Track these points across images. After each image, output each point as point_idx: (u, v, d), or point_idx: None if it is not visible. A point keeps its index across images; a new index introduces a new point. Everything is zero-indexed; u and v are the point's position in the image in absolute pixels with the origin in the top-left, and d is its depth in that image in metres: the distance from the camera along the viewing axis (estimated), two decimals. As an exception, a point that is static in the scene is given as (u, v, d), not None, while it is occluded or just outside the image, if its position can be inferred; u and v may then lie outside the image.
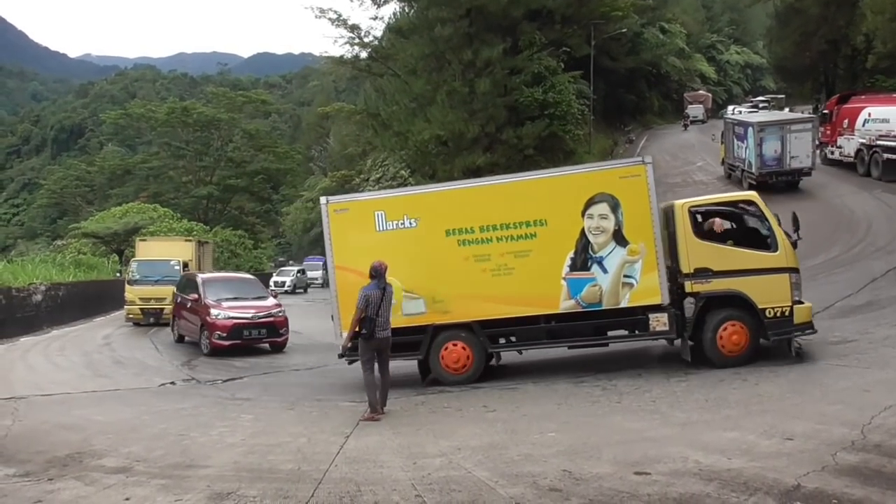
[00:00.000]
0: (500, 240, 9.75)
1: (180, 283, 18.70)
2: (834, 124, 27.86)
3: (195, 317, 16.28)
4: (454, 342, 9.97)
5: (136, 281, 21.82)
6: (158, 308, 21.36)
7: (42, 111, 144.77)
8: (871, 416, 6.41)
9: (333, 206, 10.34)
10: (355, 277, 9.60)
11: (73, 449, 7.51)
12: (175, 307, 18.09)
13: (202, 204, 60.41)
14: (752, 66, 76.42)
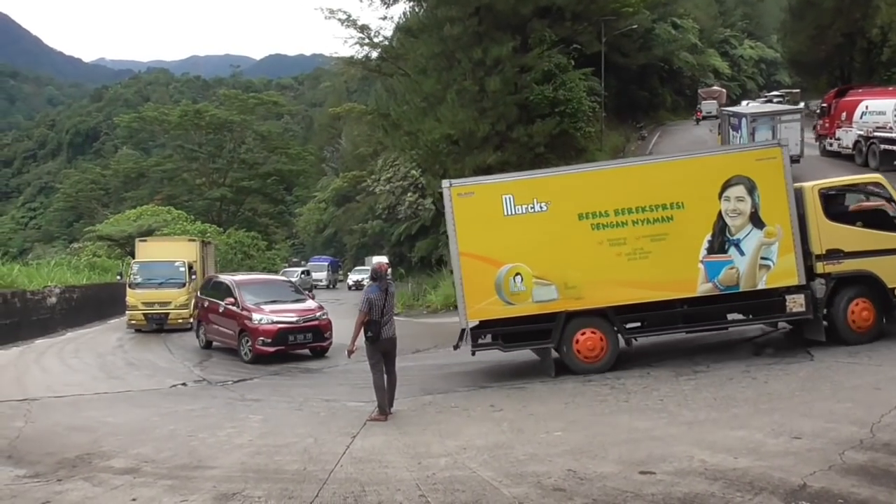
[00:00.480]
0: (636, 223, 9.62)
1: (206, 287, 17.72)
2: (832, 117, 28.64)
3: (231, 322, 15.30)
4: (589, 329, 9.73)
5: (137, 284, 20.53)
6: (163, 313, 20.28)
7: (57, 115, 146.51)
8: (881, 415, 6.32)
9: (457, 189, 9.84)
10: (482, 264, 9.41)
11: (82, 450, 7.60)
12: (201, 312, 17.14)
13: (216, 206, 60.84)
14: (767, 60, 75.55)
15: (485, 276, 9.07)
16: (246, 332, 14.75)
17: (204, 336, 17.01)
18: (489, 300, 9.47)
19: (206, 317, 16.70)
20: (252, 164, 64.08)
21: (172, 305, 20.28)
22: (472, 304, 9.38)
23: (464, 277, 9.66)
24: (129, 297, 20.67)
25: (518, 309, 9.53)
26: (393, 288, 8.88)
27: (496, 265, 9.34)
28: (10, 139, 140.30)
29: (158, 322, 20.27)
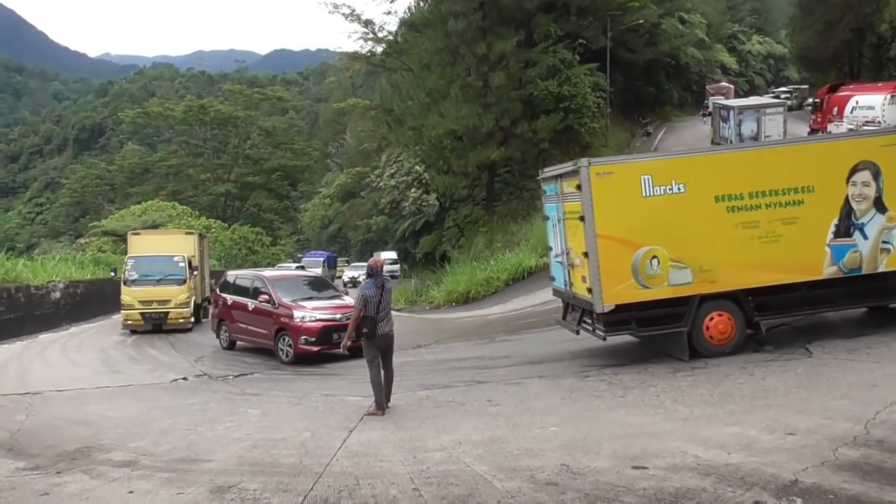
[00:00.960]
0: (769, 206, 9.60)
1: (227, 284, 16.40)
2: (824, 112, 29.61)
3: (265, 320, 14.41)
4: (719, 312, 9.62)
5: (133, 281, 19.08)
6: (162, 312, 19.04)
7: (63, 111, 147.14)
8: (876, 412, 6.31)
9: (596, 168, 9.47)
10: (619, 247, 9.26)
11: (82, 443, 7.67)
12: (221, 311, 16.09)
13: (220, 201, 61.05)
14: (775, 56, 75.09)
15: (622, 259, 9.02)
16: (285, 331, 13.87)
17: (227, 336, 15.96)
18: (625, 284, 9.32)
19: (230, 315, 15.68)
20: (257, 160, 64.25)
21: (172, 304, 19.10)
22: (609, 287, 9.25)
23: (601, 260, 9.39)
24: (124, 294, 19.13)
25: (654, 293, 9.39)
26: (390, 284, 8.90)
27: (633, 248, 9.24)
28: (17, 134, 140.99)
29: (156, 322, 19.06)
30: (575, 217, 9.72)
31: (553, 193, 10.73)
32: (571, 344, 12.41)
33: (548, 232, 11.28)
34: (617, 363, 10.00)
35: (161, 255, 19.74)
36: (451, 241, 40.18)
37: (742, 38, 74.07)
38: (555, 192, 10.60)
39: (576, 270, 10.07)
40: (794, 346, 9.48)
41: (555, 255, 11.00)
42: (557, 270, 11.03)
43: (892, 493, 4.74)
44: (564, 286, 10.59)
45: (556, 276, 11.15)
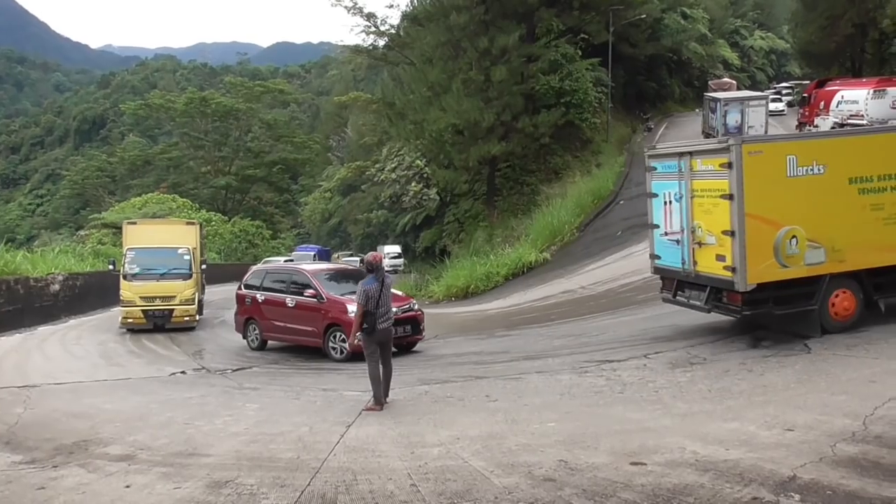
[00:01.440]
0: (893, 189, 9.90)
1: (255, 277, 15.26)
2: (812, 106, 30.86)
3: (311, 316, 13.48)
4: (842, 290, 9.81)
5: (135, 275, 17.75)
6: (166, 309, 17.77)
7: (64, 102, 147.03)
8: (875, 407, 6.30)
9: (748, 147, 9.44)
10: (764, 226, 9.36)
11: (80, 437, 7.67)
12: (249, 308, 14.88)
13: (221, 194, 61.01)
14: (777, 51, 74.81)
15: (765, 238, 9.14)
16: (338, 326, 12.94)
17: (258, 336, 14.84)
18: (766, 263, 9.40)
19: (260, 314, 14.60)
20: (258, 153, 64.19)
21: (177, 300, 17.85)
22: (753, 266, 9.32)
23: (748, 239, 9.42)
24: (123, 290, 17.71)
25: (791, 272, 9.49)
26: (390, 280, 8.88)
27: (776, 227, 9.34)
28: (18, 126, 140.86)
29: (160, 320, 17.81)
30: (713, 195, 9.75)
31: (671, 171, 10.66)
32: (570, 340, 12.42)
33: (653, 209, 11.19)
34: (615, 359, 9.99)
35: (164, 247, 18.38)
36: (452, 235, 40.15)
37: (744, 34, 73.77)
38: (674, 170, 10.55)
39: (705, 249, 10.03)
40: (792, 341, 9.46)
41: (663, 233, 10.94)
42: (667, 248, 10.91)
43: (890, 488, 4.73)
44: (681, 264, 10.54)
45: (662, 255, 11.06)
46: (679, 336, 10.93)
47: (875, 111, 25.86)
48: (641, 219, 25.64)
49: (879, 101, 26.30)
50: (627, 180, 32.04)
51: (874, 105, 26.16)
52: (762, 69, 73.23)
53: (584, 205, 29.04)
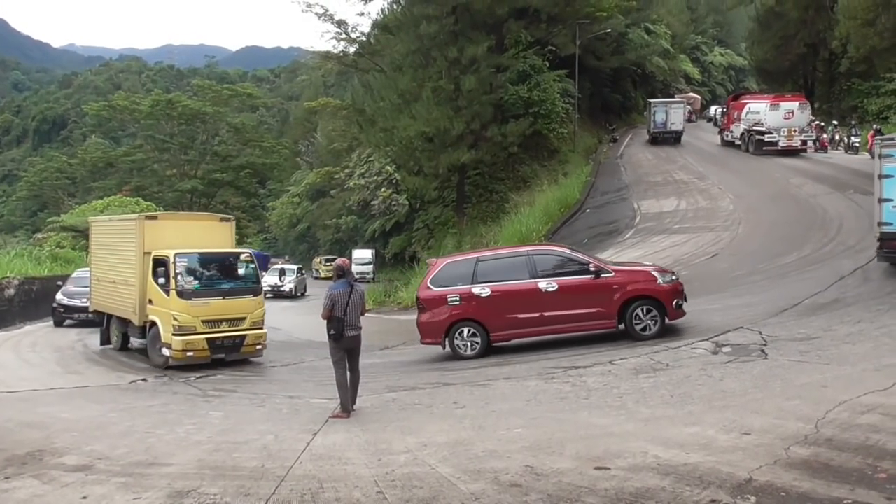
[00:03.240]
0: None
1: (456, 270, 12.42)
2: (729, 116, 38.47)
3: (593, 296, 11.67)
4: None
5: (193, 292, 13.10)
6: (236, 335, 13.48)
7: (23, 101, 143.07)
8: (826, 412, 6.52)
9: None
10: None
11: (34, 447, 7.47)
12: (460, 307, 12.07)
13: (186, 198, 59.89)
14: (735, 67, 76.83)
15: None
16: (648, 298, 11.50)
17: (481, 339, 12.11)
18: None
19: (485, 311, 12.00)
20: (225, 157, 63.27)
21: (247, 323, 13.63)
22: None
23: None
24: (174, 308, 12.95)
25: None
26: (361, 288, 8.86)
27: None
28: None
29: (228, 350, 13.44)
30: None
31: None
32: (536, 346, 12.53)
33: (883, 187, 13.20)
34: (581, 365, 10.12)
35: (220, 252, 14.23)
36: (421, 241, 40.17)
37: (705, 50, 75.63)
38: None
39: None
40: (750, 347, 9.71)
41: (894, 205, 13.00)
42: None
43: (839, 489, 4.91)
44: None
45: (893, 221, 13.03)
46: (643, 343, 11.12)
47: (771, 120, 33.25)
48: (607, 227, 26.28)
49: (775, 113, 33.37)
50: (594, 189, 32.51)
51: (771, 115, 33.33)
52: (722, 84, 75.07)
53: (552, 213, 29.36)
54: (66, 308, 20.24)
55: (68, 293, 20.57)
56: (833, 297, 12.39)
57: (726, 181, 28.33)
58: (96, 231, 17.15)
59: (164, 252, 13.40)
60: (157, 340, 13.28)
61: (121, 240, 14.98)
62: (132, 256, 14.11)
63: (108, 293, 15.55)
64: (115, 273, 15.06)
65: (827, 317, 11.08)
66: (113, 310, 15.42)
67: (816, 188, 24.44)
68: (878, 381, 7.40)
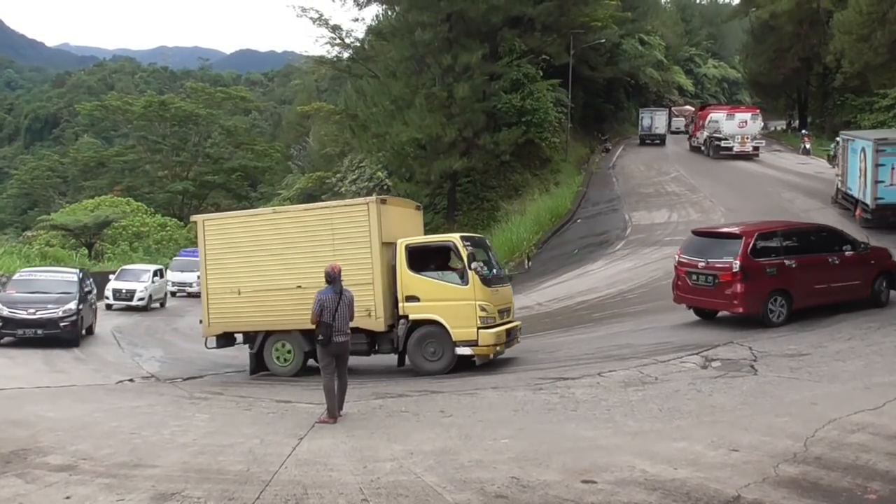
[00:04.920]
0: None
1: (768, 242, 12.43)
2: (696, 125, 44.51)
3: (856, 269, 12.67)
4: None
5: (490, 279, 11.77)
6: (517, 326, 12.66)
7: (16, 100, 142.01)
8: (815, 429, 6.52)
9: None
10: None
11: (18, 446, 7.37)
12: (776, 278, 12.08)
13: (177, 199, 59.67)
14: (729, 80, 77.46)
15: None
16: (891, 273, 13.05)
17: (786, 307, 12.06)
18: None
19: (794, 280, 12.12)
20: (217, 159, 63.12)
21: (512, 312, 12.90)
22: None
23: None
24: (481, 300, 11.40)
25: None
26: (350, 293, 8.82)
27: None
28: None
29: (509, 343, 12.17)
30: None
31: None
32: (525, 356, 12.51)
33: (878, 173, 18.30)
34: (569, 377, 10.10)
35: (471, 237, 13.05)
36: (411, 248, 40.03)
37: (698, 62, 76.20)
38: None
39: None
40: (740, 363, 9.73)
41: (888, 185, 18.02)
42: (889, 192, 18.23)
43: (829, 509, 4.91)
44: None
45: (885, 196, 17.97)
46: (632, 355, 11.12)
47: (727, 129, 38.83)
48: (598, 238, 26.38)
49: (730, 122, 38.88)
50: (585, 200, 32.63)
51: (727, 124, 38.85)
52: (715, 96, 75.59)
53: (543, 222, 29.43)
54: (5, 321, 15.25)
55: (9, 301, 15.61)
56: (824, 313, 12.42)
57: (718, 194, 28.49)
58: (234, 229, 12.88)
59: (431, 238, 12.62)
60: (432, 343, 11.55)
61: (322, 232, 12.01)
62: (363, 249, 11.68)
63: (275, 305, 12.17)
64: (305, 276, 11.70)
65: (818, 333, 11.13)
66: (290, 324, 12.03)
67: (808, 203, 24.67)
68: (868, 399, 7.42)
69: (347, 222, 11.90)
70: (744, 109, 41.63)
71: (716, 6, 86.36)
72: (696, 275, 12.56)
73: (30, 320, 15.23)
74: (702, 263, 12.48)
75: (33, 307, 15.36)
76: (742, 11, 53.49)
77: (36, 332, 15.20)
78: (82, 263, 31.21)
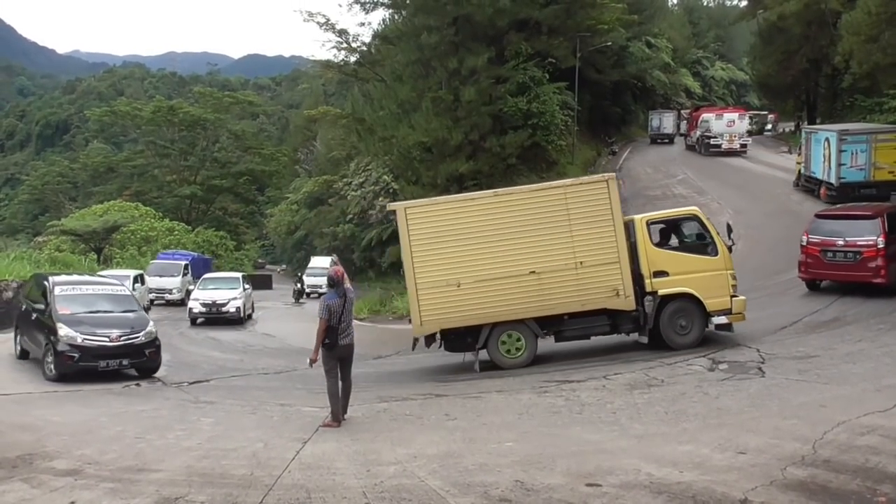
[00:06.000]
0: None
1: None
2: (691, 125, 47.92)
3: None
4: None
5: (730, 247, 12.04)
6: None
7: (28, 106, 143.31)
8: (824, 432, 6.44)
9: None
10: None
11: (24, 450, 7.38)
12: None
13: (185, 203, 60.05)
14: (737, 82, 77.08)
15: None
16: None
17: None
18: None
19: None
20: (225, 163, 63.49)
21: None
22: None
23: None
24: (730, 269, 11.61)
25: None
26: (352, 295, 8.80)
27: None
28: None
29: None
30: None
31: None
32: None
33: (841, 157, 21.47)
34: (575, 379, 10.05)
35: None
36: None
37: (706, 64, 75.87)
38: None
39: None
40: (747, 365, 9.64)
41: None
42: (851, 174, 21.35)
43: (837, 513, 4.84)
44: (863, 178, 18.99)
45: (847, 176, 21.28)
46: (638, 357, 11.06)
47: (716, 128, 42.12)
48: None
49: (719, 122, 42.44)
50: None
51: (716, 124, 42.34)
52: (723, 98, 75.27)
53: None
54: (82, 351, 11.83)
55: (74, 322, 12.15)
56: (833, 315, 12.33)
57: (726, 196, 28.35)
58: (445, 215, 11.74)
59: (670, 213, 12.69)
60: (682, 316, 11.38)
61: (556, 213, 11.47)
62: (605, 228, 11.37)
63: (504, 294, 11.42)
64: (539, 261, 11.36)
65: (827, 335, 11.04)
66: (523, 312, 11.49)
67: (818, 205, 24.42)
68: (878, 401, 7.34)
69: (585, 201, 11.47)
70: (731, 110, 45.36)
71: (723, 8, 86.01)
72: (834, 252, 13.60)
73: (113, 349, 11.95)
74: (840, 242, 13.54)
75: (111, 331, 12.10)
76: (749, 13, 53.23)
77: (121, 362, 12.12)
78: (91, 268, 31.31)
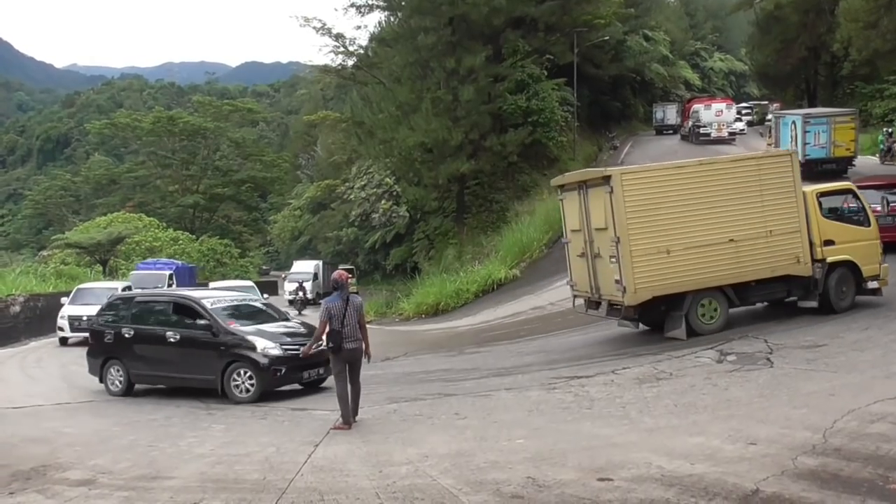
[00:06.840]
0: None
1: None
2: (685, 116, 48.71)
3: None
4: None
5: None
6: None
7: (27, 121, 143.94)
8: (834, 420, 6.44)
9: None
10: None
11: (38, 462, 7.44)
12: None
13: (188, 213, 60.25)
14: (736, 72, 76.92)
15: None
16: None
17: None
18: None
19: None
20: (226, 171, 63.71)
21: None
22: None
23: None
24: (875, 239, 12.43)
25: None
26: (359, 299, 8.81)
27: None
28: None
29: None
30: None
31: None
32: (539, 356, 12.48)
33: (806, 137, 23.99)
34: (583, 375, 10.06)
35: None
36: (422, 252, 40.17)
37: (704, 56, 75.73)
38: None
39: None
40: (756, 356, 9.64)
41: None
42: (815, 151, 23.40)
43: (849, 500, 4.85)
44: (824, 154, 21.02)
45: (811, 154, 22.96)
46: (646, 351, 11.07)
47: (706, 117, 43.32)
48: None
49: (708, 112, 43.58)
50: (595, 198, 32.42)
51: (705, 114, 43.58)
52: (722, 90, 75.06)
53: (552, 221, 29.20)
54: (287, 364, 10.81)
55: (260, 333, 11.16)
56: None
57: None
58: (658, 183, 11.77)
59: (832, 186, 13.15)
60: (842, 282, 11.97)
61: (751, 183, 11.87)
62: (789, 199, 11.94)
63: (705, 262, 11.57)
64: (737, 229, 11.68)
65: (834, 324, 11.01)
66: (721, 279, 11.73)
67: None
68: (887, 388, 7.32)
69: (774, 173, 12.05)
70: (719, 100, 47.06)
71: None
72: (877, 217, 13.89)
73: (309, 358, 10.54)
74: (878, 207, 14.43)
75: (296, 340, 11.13)
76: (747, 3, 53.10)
77: (319, 372, 11.15)
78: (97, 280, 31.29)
